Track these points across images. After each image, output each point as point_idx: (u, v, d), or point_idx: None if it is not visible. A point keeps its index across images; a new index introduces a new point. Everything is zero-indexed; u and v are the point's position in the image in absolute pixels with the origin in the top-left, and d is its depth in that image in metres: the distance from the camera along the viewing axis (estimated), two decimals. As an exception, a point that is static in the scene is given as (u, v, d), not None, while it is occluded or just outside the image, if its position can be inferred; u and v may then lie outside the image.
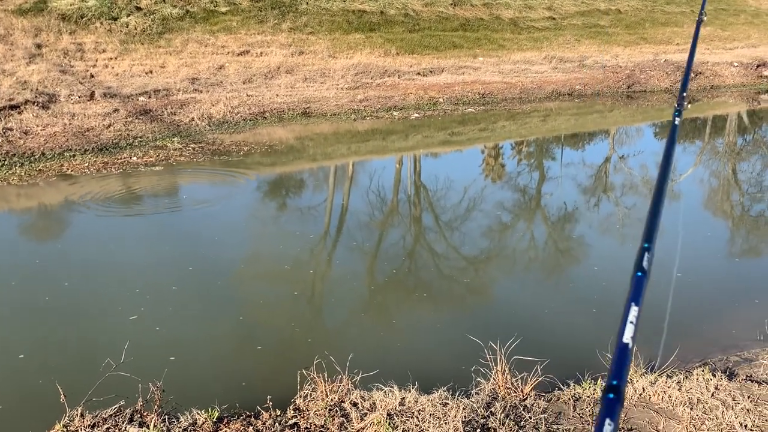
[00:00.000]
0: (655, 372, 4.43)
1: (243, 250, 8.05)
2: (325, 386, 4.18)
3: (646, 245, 0.94)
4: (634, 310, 0.74)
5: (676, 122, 1.69)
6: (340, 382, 4.21)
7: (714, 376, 4.31)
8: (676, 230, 9.12)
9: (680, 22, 30.59)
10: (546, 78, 21.02)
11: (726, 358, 5.13)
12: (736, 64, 23.91)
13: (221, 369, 5.19)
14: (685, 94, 2.03)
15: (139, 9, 20.43)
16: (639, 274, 0.79)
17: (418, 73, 20.22)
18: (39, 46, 17.45)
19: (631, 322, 0.72)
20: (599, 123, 18.30)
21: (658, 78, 22.00)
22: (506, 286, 7.26)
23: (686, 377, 4.32)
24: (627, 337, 0.71)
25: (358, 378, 4.28)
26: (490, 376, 4.31)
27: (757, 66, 23.96)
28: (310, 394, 4.20)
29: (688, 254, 8.03)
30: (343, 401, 4.08)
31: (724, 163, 14.97)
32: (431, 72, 20.52)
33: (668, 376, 4.32)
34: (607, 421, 0.62)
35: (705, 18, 3.13)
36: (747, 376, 4.51)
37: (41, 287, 6.73)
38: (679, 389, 4.12)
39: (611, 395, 0.66)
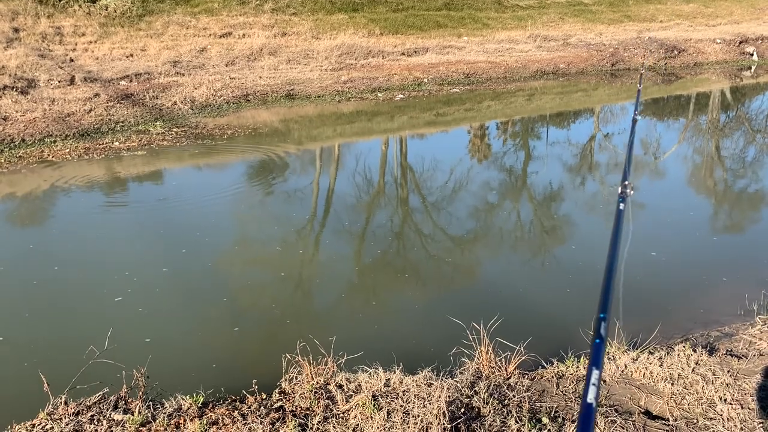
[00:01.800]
0: (637, 349, 4.48)
1: (229, 234, 8.01)
2: (310, 369, 4.19)
3: (602, 315, 0.99)
4: (595, 374, 0.77)
5: (621, 207, 1.73)
6: (326, 365, 4.22)
7: (695, 351, 4.36)
8: (659, 208, 9.19)
9: (663, 0, 30.59)
10: (530, 57, 20.98)
11: (707, 333, 5.19)
12: (719, 41, 23.96)
13: (207, 353, 5.18)
14: (627, 182, 2.06)
15: (118, -9, 20.09)
16: (597, 341, 0.84)
17: (403, 54, 20.09)
18: (16, 30, 17.14)
19: (594, 384, 0.76)
20: (584, 101, 18.32)
21: (642, 55, 22.01)
22: (491, 266, 7.29)
23: (668, 353, 4.37)
24: (590, 398, 0.75)
25: (344, 360, 4.29)
26: (475, 356, 4.34)
27: (740, 42, 24.04)
28: (296, 378, 4.21)
29: (671, 232, 8.09)
30: (328, 384, 4.09)
31: (707, 139, 15.06)
32: (415, 52, 20.40)
33: (650, 353, 4.36)
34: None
35: (639, 118, 3.17)
36: (727, 350, 4.57)
37: (29, 273, 6.68)
38: (660, 365, 4.17)
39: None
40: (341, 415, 3.77)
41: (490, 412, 3.75)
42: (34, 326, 5.64)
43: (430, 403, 3.69)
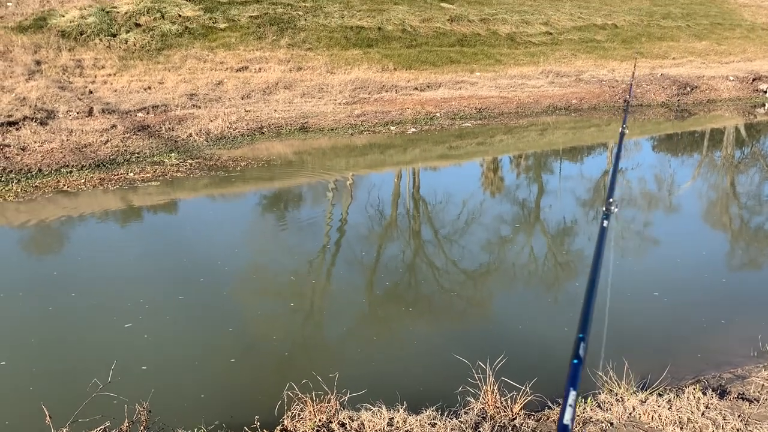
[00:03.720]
0: (646, 390, 4.40)
1: (246, 263, 8.03)
2: (313, 406, 4.15)
3: (581, 336, 0.98)
4: (572, 395, 0.77)
5: (605, 224, 1.74)
6: (329, 402, 4.18)
7: (705, 394, 4.27)
8: (671, 246, 9.11)
9: (676, 37, 30.74)
10: (543, 92, 21.09)
11: (719, 375, 5.09)
12: (732, 78, 23.97)
13: (210, 385, 5.15)
14: (612, 199, 2.09)
15: (138, 26, 20.55)
16: (575, 361, 0.83)
17: (416, 88, 20.28)
18: (38, 63, 17.54)
19: (570, 406, 0.75)
20: (597, 137, 18.33)
21: (655, 92, 22.06)
22: (501, 302, 7.23)
23: (677, 396, 4.28)
24: (567, 419, 0.74)
25: (347, 398, 4.25)
26: (480, 395, 4.28)
27: (753, 80, 24.03)
28: (298, 414, 4.17)
29: (684, 270, 8.00)
30: (331, 422, 4.05)
31: (722, 175, 14.97)
32: (428, 87, 20.59)
33: (659, 395, 4.28)
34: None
35: (627, 131, 3.23)
36: (739, 393, 4.47)
37: (46, 299, 6.71)
38: (669, 408, 4.08)
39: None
40: (343, 453, 3.72)
41: (494, 453, 3.68)
42: (41, 353, 5.65)
43: (433, 443, 3.63)
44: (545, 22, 27.97)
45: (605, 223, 1.77)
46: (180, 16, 21.46)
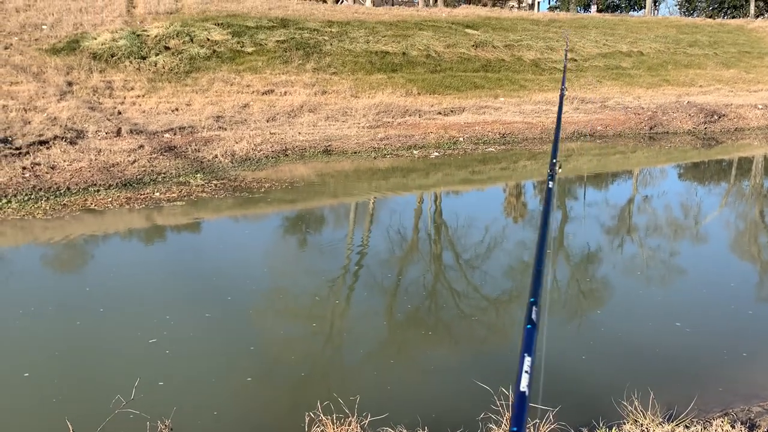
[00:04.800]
0: (672, 422, 4.29)
1: (263, 284, 8.06)
2: (333, 429, 4.11)
3: (532, 300, 0.95)
4: (527, 361, 0.75)
5: (551, 185, 1.75)
6: (349, 425, 4.15)
7: (733, 427, 4.16)
8: (699, 273, 8.94)
9: (703, 65, 30.56)
10: (568, 118, 21.04)
11: (748, 408, 4.95)
12: (760, 107, 23.72)
13: (231, 405, 5.14)
14: (555, 160, 2.09)
15: (167, 49, 20.98)
16: (528, 326, 0.80)
17: (439, 113, 20.37)
18: (70, 84, 17.96)
19: (527, 372, 0.73)
20: (622, 164, 18.20)
21: (681, 120, 21.88)
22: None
23: (705, 428, 4.18)
24: (523, 386, 0.72)
25: (368, 421, 4.21)
26: (502, 422, 4.21)
27: (783, 108, 23.74)
28: (319, 436, 4.14)
29: (712, 300, 7.84)
30: (350, 444, 4.01)
31: (750, 205, 14.74)
32: (452, 111, 20.67)
33: (686, 427, 4.17)
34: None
35: (566, 92, 3.22)
36: (769, 428, 4.34)
37: (75, 314, 6.79)
38: (697, 440, 3.98)
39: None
40: (363, 478, 3.67)
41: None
42: (65, 367, 5.69)
43: (454, 470, 3.57)
44: (570, 49, 28.00)
45: (551, 184, 1.78)
46: (208, 40, 21.89)
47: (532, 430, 4.17)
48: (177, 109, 17.90)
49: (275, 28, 23.83)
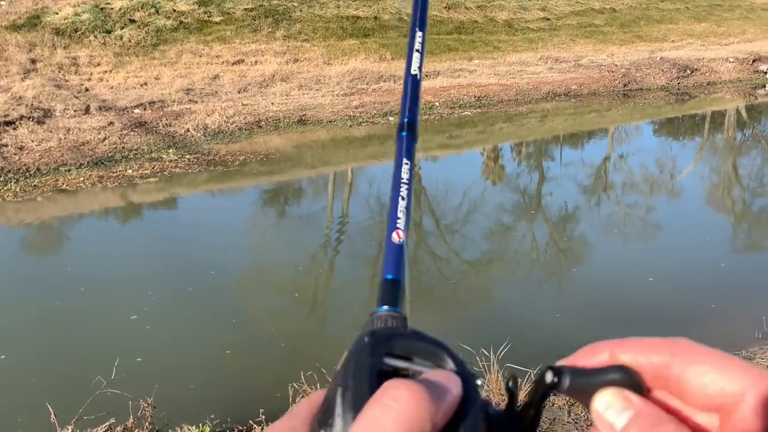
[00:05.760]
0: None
1: (242, 258, 7.99)
2: (319, 398, 4.11)
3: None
4: (419, 36, 0.66)
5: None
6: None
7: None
8: (674, 230, 9.06)
9: (675, 19, 30.56)
10: (542, 79, 20.98)
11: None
12: (732, 60, 23.84)
13: (214, 379, 5.12)
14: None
15: (132, 21, 20.44)
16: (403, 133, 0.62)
17: (414, 78, 20.16)
18: (33, 61, 17.45)
19: (417, 51, 0.64)
20: (597, 122, 18.25)
21: (654, 76, 21.94)
22: (504, 290, 7.19)
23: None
24: (414, 69, 0.63)
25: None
26: (484, 382, 4.24)
27: (753, 61, 23.90)
28: (304, 407, 4.13)
29: (688, 253, 7.95)
30: (337, 413, 4.01)
31: (724, 158, 14.90)
32: (427, 76, 20.47)
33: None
34: (404, 160, 0.56)
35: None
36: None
37: (47, 297, 6.68)
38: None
39: (404, 134, 0.58)
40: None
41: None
42: (43, 349, 5.62)
43: (440, 433, 3.60)
44: (543, 8, 27.81)
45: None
46: (174, 10, 21.34)
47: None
48: (146, 84, 17.51)
49: (243, -3, 23.29)
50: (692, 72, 22.53)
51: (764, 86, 22.42)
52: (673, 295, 6.55)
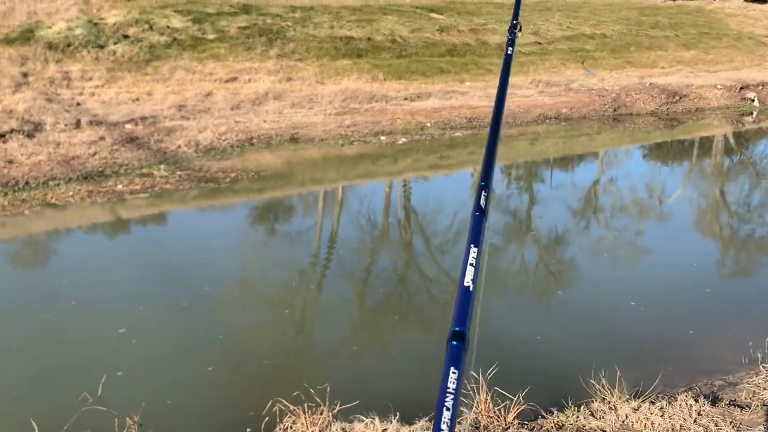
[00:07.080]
0: (639, 398, 4.38)
1: (232, 275, 7.96)
2: (305, 418, 4.10)
3: (482, 183, 0.81)
4: (473, 252, 0.68)
5: (510, 52, 1.80)
6: (321, 414, 4.13)
7: (697, 401, 4.26)
8: (663, 254, 9.12)
9: (665, 46, 30.99)
10: (533, 102, 21.18)
11: (711, 382, 5.08)
12: (719, 87, 24.18)
13: (201, 397, 5.08)
14: (516, 21, 2.17)
15: (126, 37, 20.50)
16: (477, 213, 0.67)
17: (406, 98, 20.31)
18: (25, 75, 17.44)
19: (471, 264, 0.66)
20: (587, 146, 18.42)
21: (644, 101, 22.21)
22: (493, 312, 7.20)
23: (669, 403, 4.27)
24: (468, 281, 0.66)
25: (339, 409, 4.20)
26: (473, 405, 4.24)
27: (741, 88, 24.25)
28: (291, 427, 4.11)
29: (677, 278, 8.00)
30: (322, 434, 4.00)
31: (712, 184, 15.06)
32: (419, 97, 20.63)
33: (651, 402, 4.26)
34: (452, 369, 0.57)
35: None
36: (730, 400, 4.46)
37: (46, 308, 6.62)
38: (661, 416, 4.06)
39: (455, 342, 0.61)
40: (335, 466, 3.67)
41: (488, 464, 3.64)
42: (32, 363, 5.56)
43: (426, 455, 3.59)
44: (534, 32, 28.14)
45: (510, 50, 1.85)
46: (168, 27, 21.45)
47: (502, 411, 4.21)
48: (138, 99, 17.52)
49: (237, 14, 23.46)
50: (681, 98, 22.83)
51: (751, 113, 22.73)
52: (659, 319, 6.58)
